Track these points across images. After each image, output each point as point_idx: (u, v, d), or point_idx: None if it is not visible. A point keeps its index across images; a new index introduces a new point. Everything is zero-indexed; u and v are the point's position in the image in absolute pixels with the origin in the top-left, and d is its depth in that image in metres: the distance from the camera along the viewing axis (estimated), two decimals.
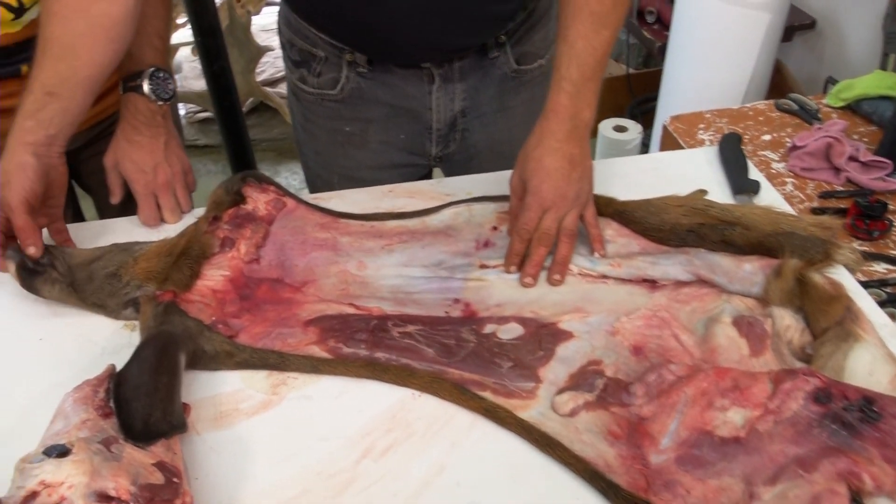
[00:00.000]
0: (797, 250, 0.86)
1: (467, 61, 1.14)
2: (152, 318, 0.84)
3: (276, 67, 3.41)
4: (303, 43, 1.16)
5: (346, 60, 1.13)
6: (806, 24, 2.49)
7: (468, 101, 1.18)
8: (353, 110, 1.19)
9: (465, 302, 0.90)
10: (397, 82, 1.15)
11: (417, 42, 1.08)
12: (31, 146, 0.93)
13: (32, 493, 0.57)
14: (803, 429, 0.69)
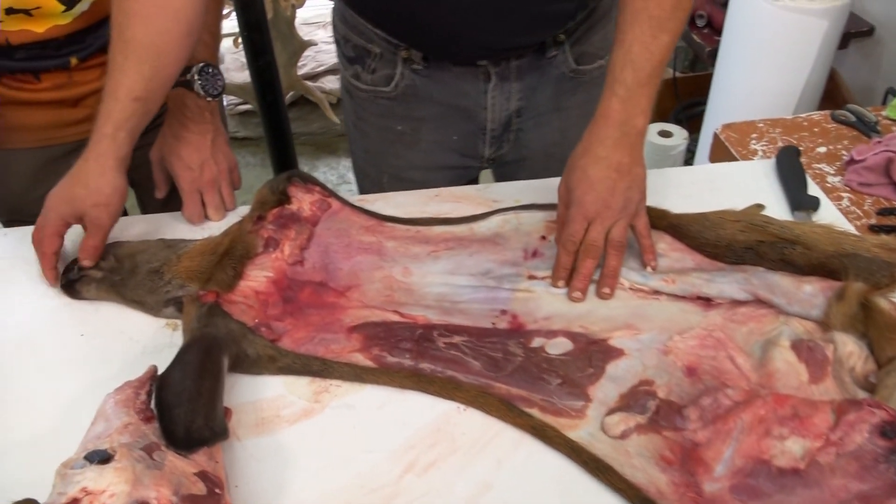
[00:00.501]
0: (861, 273, 0.83)
1: (525, 60, 1.11)
2: (196, 320, 0.84)
3: (317, 62, 3.42)
4: (358, 39, 1.14)
5: (402, 57, 1.11)
6: (863, 32, 2.43)
7: (524, 100, 1.16)
8: (406, 108, 1.17)
9: (512, 313, 0.88)
10: (453, 80, 1.13)
11: (475, 40, 1.05)
12: (124, 162, 0.93)
13: (74, 501, 0.56)
14: (868, 464, 0.66)
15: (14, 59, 1.07)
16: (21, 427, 0.79)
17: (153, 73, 0.91)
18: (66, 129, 1.17)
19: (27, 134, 1.16)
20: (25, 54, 1.07)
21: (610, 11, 1.14)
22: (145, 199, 1.37)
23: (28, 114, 1.14)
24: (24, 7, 1.01)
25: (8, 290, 0.97)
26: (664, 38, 0.87)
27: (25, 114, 1.14)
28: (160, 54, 0.91)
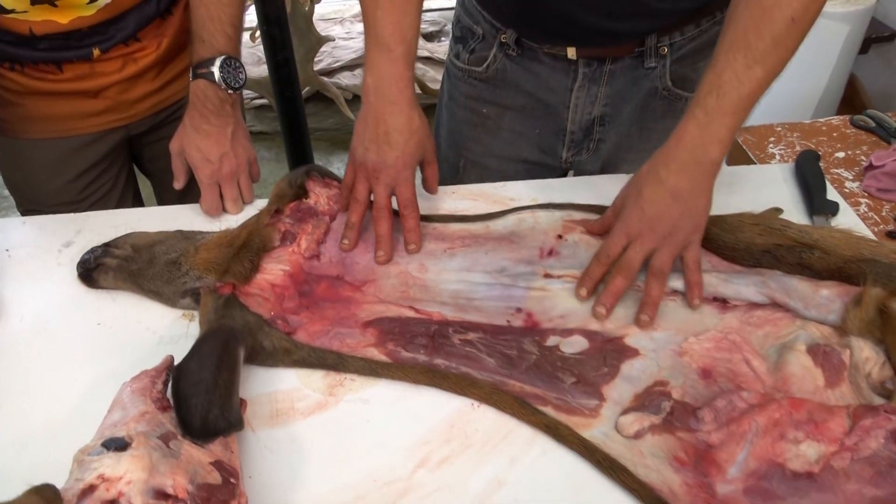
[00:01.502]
0: (880, 278, 0.83)
1: (619, 64, 1.10)
2: (213, 311, 0.84)
3: (333, 57, 3.42)
4: (467, 20, 1.17)
5: (500, 41, 1.13)
6: (884, 37, 2.42)
7: (609, 108, 1.15)
8: (494, 93, 1.19)
9: (527, 311, 0.89)
10: (541, 71, 1.13)
11: (568, 24, 1.04)
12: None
13: (90, 487, 0.57)
14: (884, 470, 0.66)
15: (37, 50, 1.07)
16: (38, 415, 0.80)
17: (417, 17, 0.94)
18: (86, 119, 1.18)
19: (48, 124, 1.17)
20: (49, 45, 1.07)
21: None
22: (162, 190, 1.38)
23: (49, 104, 1.15)
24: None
25: (26, 279, 0.98)
26: (758, 70, 0.83)
27: (47, 104, 1.15)
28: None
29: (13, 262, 1.01)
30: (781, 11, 0.82)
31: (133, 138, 1.27)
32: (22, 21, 1.03)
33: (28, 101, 1.14)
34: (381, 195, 0.96)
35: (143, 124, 1.23)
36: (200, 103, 1.05)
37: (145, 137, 1.27)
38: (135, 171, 1.37)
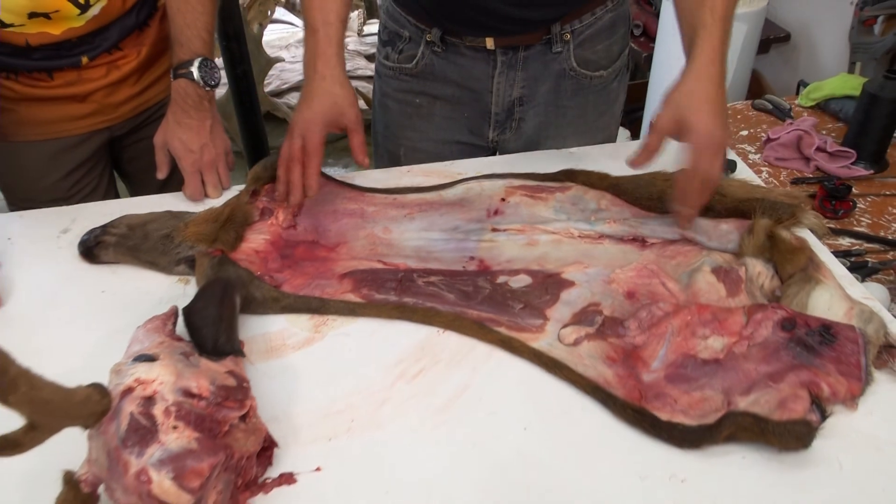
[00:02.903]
0: (767, 212, 0.97)
1: (531, 51, 1.22)
2: (209, 268, 0.94)
3: (281, 80, 3.52)
4: (393, 24, 1.28)
5: (426, 40, 1.24)
6: (781, 37, 2.63)
7: (526, 90, 1.26)
8: (424, 85, 1.30)
9: (479, 259, 1.01)
10: (465, 63, 1.25)
11: (485, 11, 1.16)
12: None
13: (129, 388, 0.67)
14: (772, 351, 0.80)
15: (32, 59, 1.16)
16: (56, 367, 0.87)
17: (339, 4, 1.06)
18: (74, 122, 1.27)
19: (39, 127, 1.25)
20: (42, 55, 1.16)
21: (615, 27, 1.25)
22: (138, 190, 1.46)
23: (41, 109, 1.23)
24: (44, 11, 1.11)
25: (31, 262, 1.06)
26: (725, 24, 0.96)
27: (38, 109, 1.23)
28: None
29: (16, 249, 1.09)
30: None
31: (115, 140, 1.36)
32: (19, 34, 1.13)
33: (21, 106, 1.22)
34: (287, 146, 1.05)
35: (125, 126, 1.32)
36: (181, 100, 1.15)
37: (126, 139, 1.36)
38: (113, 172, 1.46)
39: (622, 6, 1.24)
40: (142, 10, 1.23)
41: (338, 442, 0.78)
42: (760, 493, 0.71)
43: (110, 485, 0.64)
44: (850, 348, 0.78)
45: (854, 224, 1.39)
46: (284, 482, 0.74)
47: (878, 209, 1.43)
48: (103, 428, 0.65)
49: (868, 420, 0.77)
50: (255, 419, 0.73)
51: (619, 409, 0.78)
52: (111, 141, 1.35)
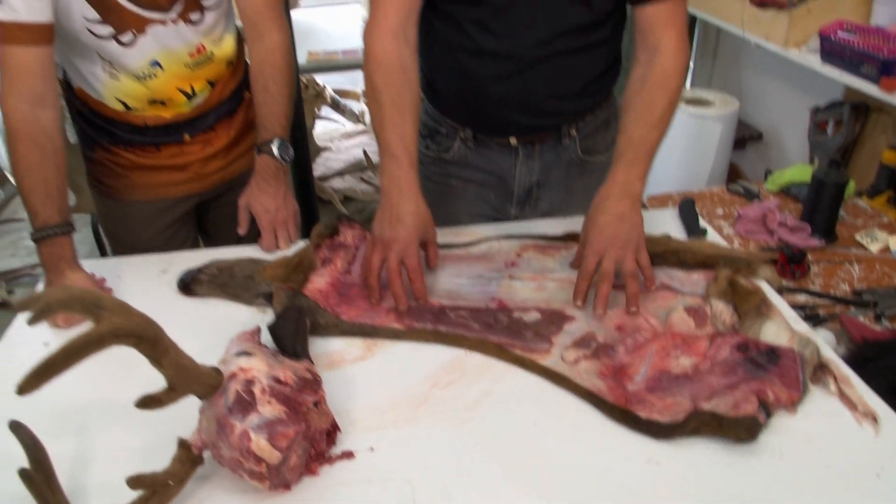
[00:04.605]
0: (729, 264, 1.11)
1: (545, 145, 1.37)
2: (286, 298, 1.08)
3: (326, 167, 3.73)
4: (432, 122, 1.42)
5: (460, 136, 1.39)
6: (755, 136, 2.80)
7: (542, 175, 1.41)
8: (459, 170, 1.44)
9: (499, 299, 1.14)
10: (492, 155, 1.39)
11: (510, 122, 1.32)
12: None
13: (233, 374, 0.80)
14: (730, 367, 0.92)
15: (145, 136, 1.34)
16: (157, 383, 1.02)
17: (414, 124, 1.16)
18: (174, 187, 1.43)
19: (145, 190, 1.42)
20: (154, 132, 1.34)
21: (610, 121, 1.40)
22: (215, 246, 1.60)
23: (148, 175, 1.40)
24: (161, 98, 1.29)
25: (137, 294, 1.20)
26: (655, 133, 1.13)
27: (146, 175, 1.40)
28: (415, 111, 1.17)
29: (125, 285, 1.24)
30: (663, 98, 1.14)
31: (202, 203, 1.52)
32: (138, 116, 1.30)
33: (132, 173, 1.39)
34: (393, 262, 1.10)
35: (214, 192, 1.49)
36: (263, 171, 1.32)
37: (212, 202, 1.52)
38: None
39: (613, 106, 1.41)
40: (233, 100, 1.41)
41: (386, 431, 0.90)
42: (718, 473, 0.82)
43: (217, 444, 0.77)
44: (791, 366, 0.91)
45: (809, 284, 1.52)
46: (345, 457, 0.86)
47: (829, 273, 1.55)
48: (214, 401, 0.78)
49: (804, 421, 0.88)
50: (324, 406, 0.85)
51: (609, 410, 0.90)
52: (199, 203, 1.52)
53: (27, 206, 1.16)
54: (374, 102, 1.17)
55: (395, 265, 1.10)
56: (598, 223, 1.09)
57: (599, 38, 1.24)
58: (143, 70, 1.26)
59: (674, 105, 1.16)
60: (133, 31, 1.21)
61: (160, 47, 1.25)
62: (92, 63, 1.26)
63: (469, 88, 1.30)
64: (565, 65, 1.25)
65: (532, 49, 1.21)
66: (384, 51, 1.16)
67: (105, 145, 1.37)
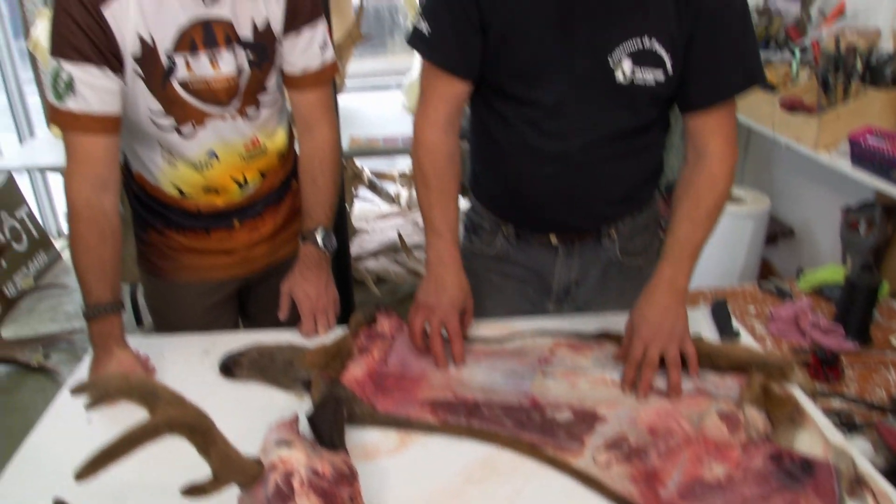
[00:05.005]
0: (762, 370, 1.11)
1: (585, 244, 1.40)
2: (324, 386, 1.11)
3: (361, 248, 3.80)
4: (477, 218, 1.48)
5: (503, 232, 1.43)
6: (786, 232, 2.82)
7: (580, 274, 1.44)
8: (500, 266, 1.47)
9: (532, 396, 1.16)
10: (533, 252, 1.43)
11: (552, 220, 1.37)
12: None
13: (273, 464, 0.82)
14: (763, 477, 0.92)
15: (197, 221, 1.40)
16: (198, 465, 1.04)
17: (457, 206, 1.29)
18: (220, 270, 1.48)
19: (193, 272, 1.47)
20: (205, 218, 1.40)
21: (650, 225, 1.45)
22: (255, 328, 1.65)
23: (196, 258, 1.46)
24: (215, 187, 1.36)
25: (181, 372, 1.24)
26: (703, 230, 1.21)
27: (194, 258, 1.46)
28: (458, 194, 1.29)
29: (168, 363, 1.28)
30: (709, 198, 1.21)
31: (245, 287, 1.57)
32: (192, 202, 1.37)
33: (182, 255, 1.45)
34: (434, 326, 1.23)
35: (257, 276, 1.54)
36: (306, 258, 1.37)
37: (256, 286, 1.57)
38: None
39: (652, 208, 1.44)
40: (282, 189, 1.48)
41: None
42: None
43: None
44: (826, 479, 0.90)
45: (844, 388, 1.51)
46: None
47: (864, 377, 1.54)
48: (254, 491, 0.80)
49: None
50: (359, 500, 0.87)
51: None
52: (243, 286, 1.57)
53: (81, 283, 1.22)
54: (422, 185, 1.28)
55: (436, 328, 1.23)
56: (646, 315, 1.17)
57: (643, 143, 1.30)
58: (200, 160, 1.33)
59: (720, 206, 1.23)
60: (193, 123, 1.29)
61: (217, 139, 1.32)
62: (152, 151, 1.33)
63: (515, 186, 1.35)
64: (610, 168, 1.30)
65: (579, 151, 1.27)
66: (433, 140, 1.27)
67: (158, 228, 1.43)
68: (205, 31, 1.22)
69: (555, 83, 1.21)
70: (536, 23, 1.18)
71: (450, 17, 1.21)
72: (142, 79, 1.21)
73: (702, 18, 1.15)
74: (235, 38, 1.25)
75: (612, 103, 1.22)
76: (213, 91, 1.26)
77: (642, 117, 1.25)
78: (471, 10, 1.19)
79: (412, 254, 3.38)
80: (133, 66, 1.20)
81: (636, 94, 1.20)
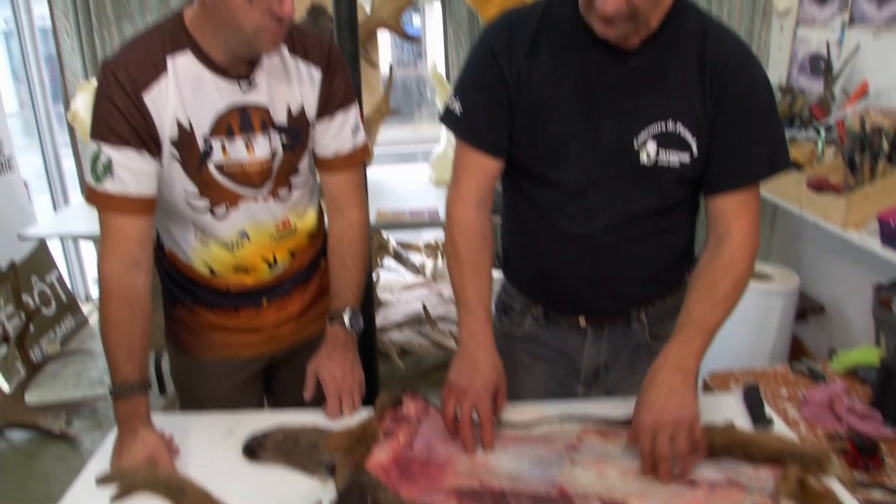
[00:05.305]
0: (798, 462, 1.08)
1: (615, 327, 1.38)
2: (349, 473, 1.10)
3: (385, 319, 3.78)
4: (507, 298, 1.48)
5: (532, 313, 1.43)
6: (816, 309, 2.77)
7: (609, 357, 1.41)
8: (529, 346, 1.45)
9: (559, 484, 1.13)
10: (562, 333, 1.41)
11: (581, 302, 1.36)
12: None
13: None
14: None
15: (227, 299, 1.42)
16: None
17: (490, 282, 1.29)
18: (247, 348, 1.49)
19: (220, 350, 1.48)
20: (235, 296, 1.42)
21: (678, 308, 1.37)
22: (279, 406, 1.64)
23: (224, 336, 1.46)
24: (245, 266, 1.38)
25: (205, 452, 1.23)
26: (718, 312, 1.17)
27: (222, 335, 1.46)
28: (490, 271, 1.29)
29: (192, 443, 1.27)
30: (727, 280, 1.18)
31: (270, 365, 1.57)
32: (222, 281, 1.39)
33: (210, 332, 1.46)
34: (466, 410, 1.20)
35: (283, 354, 1.53)
36: (333, 339, 1.37)
37: (282, 364, 1.56)
38: None
39: (682, 291, 1.42)
40: (310, 268, 1.50)
41: None
42: None
43: None
44: None
45: (885, 479, 1.45)
46: None
47: None
48: None
49: None
50: None
51: None
52: (269, 364, 1.57)
53: (110, 361, 1.23)
54: (454, 262, 1.29)
55: (467, 413, 1.20)
56: (648, 397, 1.13)
57: (670, 225, 1.29)
58: (232, 240, 1.36)
59: (739, 289, 1.20)
60: (227, 205, 1.32)
61: (249, 220, 1.35)
62: (186, 230, 1.36)
63: (542, 267, 1.35)
64: (636, 250, 1.29)
65: (604, 233, 1.27)
66: (466, 218, 1.29)
67: (188, 304, 1.45)
68: (241, 117, 1.26)
69: (579, 164, 1.22)
70: (561, 105, 1.20)
71: (480, 96, 1.25)
72: (178, 161, 1.25)
73: (727, 101, 1.16)
74: (270, 123, 1.28)
75: (637, 184, 1.22)
76: (247, 174, 1.29)
77: (667, 198, 1.25)
78: (500, 91, 1.23)
79: (437, 326, 3.36)
80: (170, 149, 1.23)
81: (661, 176, 1.21)
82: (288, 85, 1.29)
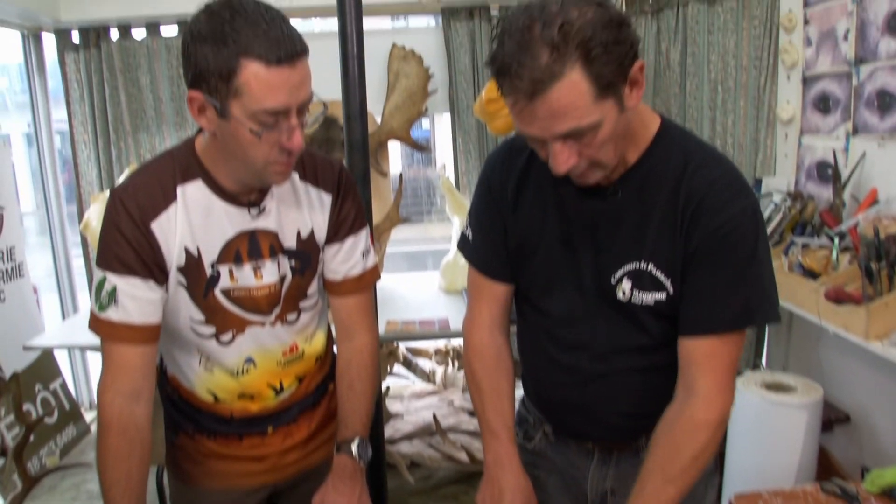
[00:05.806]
0: None
1: (623, 454, 1.33)
2: None
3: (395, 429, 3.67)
4: (524, 411, 1.45)
5: (543, 430, 1.39)
6: (842, 418, 2.67)
7: (616, 483, 1.34)
8: (538, 461, 1.41)
9: None
10: (569, 453, 1.37)
11: (580, 429, 1.32)
12: None
13: None
14: None
15: (230, 426, 1.36)
16: None
17: (512, 403, 1.30)
18: (250, 477, 1.42)
19: (222, 479, 1.40)
20: (239, 424, 1.36)
21: None
22: None
23: (226, 464, 1.40)
24: (250, 393, 1.34)
25: None
26: (671, 489, 1.11)
27: (224, 464, 1.40)
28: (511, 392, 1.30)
29: None
30: (687, 451, 1.11)
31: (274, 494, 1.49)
32: (226, 408, 1.34)
33: (211, 461, 1.39)
34: None
35: (287, 483, 1.46)
36: (340, 470, 1.30)
37: (285, 493, 1.49)
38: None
39: None
40: (318, 392, 1.45)
41: None
42: None
43: None
44: None
45: None
46: None
47: None
48: None
49: None
50: None
51: None
52: (272, 493, 1.49)
53: (105, 497, 1.17)
54: (474, 387, 1.30)
55: None
56: None
57: (660, 361, 1.22)
58: (237, 366, 1.32)
59: (700, 461, 1.12)
60: (233, 331, 1.29)
61: (256, 346, 1.32)
62: (190, 356, 1.33)
63: (538, 390, 1.36)
64: (625, 383, 1.25)
65: (590, 363, 1.25)
66: (482, 342, 1.31)
67: (189, 432, 1.40)
68: (250, 242, 1.24)
69: (564, 297, 1.24)
70: (546, 239, 1.22)
71: (486, 225, 1.29)
72: (184, 288, 1.23)
73: (697, 241, 1.09)
74: (279, 248, 1.27)
75: (618, 319, 1.20)
76: (255, 299, 1.27)
77: (654, 334, 1.20)
78: (497, 221, 1.27)
79: (447, 437, 3.26)
80: (177, 275, 1.22)
81: (637, 312, 1.18)
82: (298, 210, 1.28)
